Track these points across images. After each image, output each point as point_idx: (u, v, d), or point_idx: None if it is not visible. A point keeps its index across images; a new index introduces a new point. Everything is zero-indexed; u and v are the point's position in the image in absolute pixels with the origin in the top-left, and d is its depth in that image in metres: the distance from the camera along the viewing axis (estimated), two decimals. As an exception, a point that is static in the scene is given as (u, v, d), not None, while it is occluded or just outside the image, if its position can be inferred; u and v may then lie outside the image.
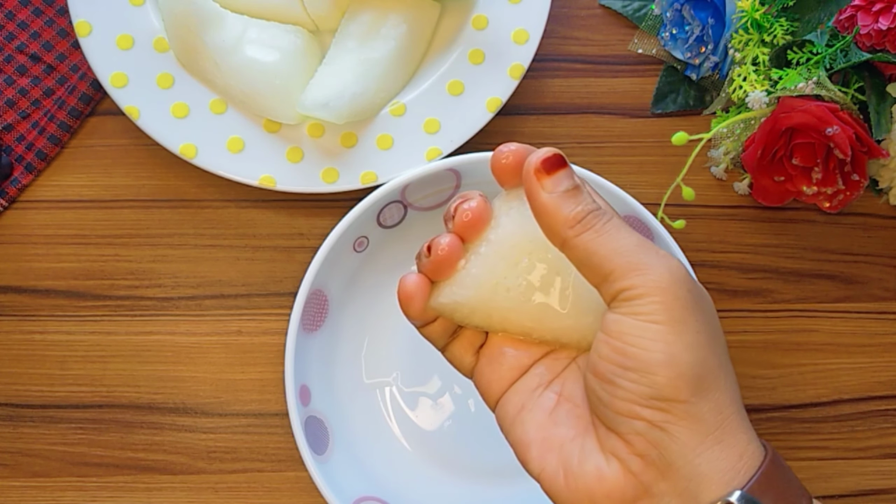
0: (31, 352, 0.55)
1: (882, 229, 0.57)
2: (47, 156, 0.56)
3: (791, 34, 0.52)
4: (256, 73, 0.53)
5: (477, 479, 0.54)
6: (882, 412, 0.56)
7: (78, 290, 0.56)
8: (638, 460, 0.32)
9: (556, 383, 0.36)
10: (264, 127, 0.54)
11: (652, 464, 0.32)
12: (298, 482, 0.54)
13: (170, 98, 0.53)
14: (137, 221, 0.56)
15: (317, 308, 0.52)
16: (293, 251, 0.56)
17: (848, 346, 0.56)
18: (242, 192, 0.56)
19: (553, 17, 0.56)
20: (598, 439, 0.34)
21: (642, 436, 0.32)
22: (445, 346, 0.39)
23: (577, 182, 0.34)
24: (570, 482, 0.33)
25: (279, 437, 0.55)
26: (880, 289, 0.57)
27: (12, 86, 0.56)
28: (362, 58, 0.54)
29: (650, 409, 0.32)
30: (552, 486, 0.34)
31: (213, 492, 0.54)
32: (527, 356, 0.37)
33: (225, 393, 0.55)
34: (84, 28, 0.53)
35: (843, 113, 0.49)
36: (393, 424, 0.55)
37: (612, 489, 0.32)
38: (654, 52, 0.58)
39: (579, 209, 0.33)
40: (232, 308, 0.56)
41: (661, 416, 0.31)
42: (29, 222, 0.56)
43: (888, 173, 0.53)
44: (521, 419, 0.36)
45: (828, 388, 0.56)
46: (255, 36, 0.54)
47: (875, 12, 0.48)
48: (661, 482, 0.32)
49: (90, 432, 0.55)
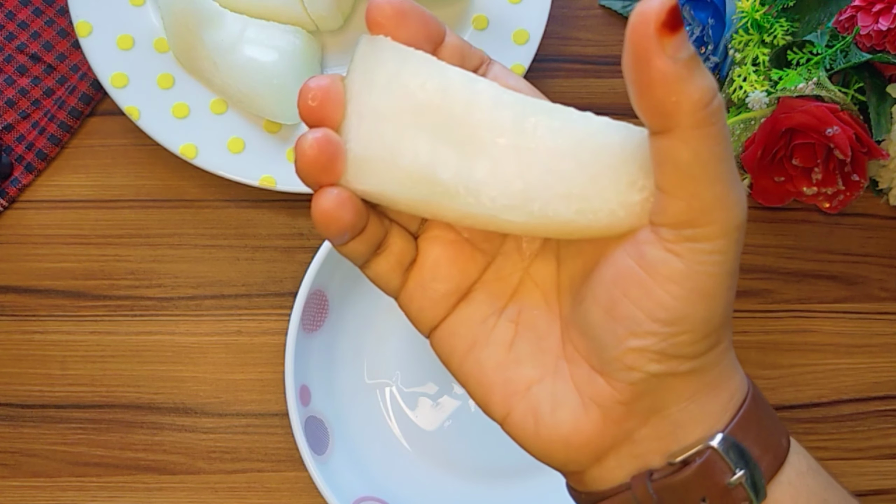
0: (31, 352, 0.55)
1: (882, 229, 0.57)
2: (47, 156, 0.56)
3: (791, 35, 0.52)
4: (254, 73, 0.53)
5: (477, 479, 0.54)
6: (882, 412, 0.56)
7: (78, 290, 0.56)
8: (622, 408, 0.28)
9: (511, 309, 0.31)
10: (264, 127, 0.54)
11: (636, 412, 0.28)
12: (298, 482, 0.54)
13: (170, 98, 0.53)
14: (137, 221, 0.56)
15: (317, 308, 0.52)
16: (293, 251, 0.56)
17: (848, 346, 0.56)
18: (242, 192, 0.56)
19: (553, 18, 0.56)
20: (574, 382, 0.29)
21: (635, 386, 0.28)
22: (366, 262, 0.31)
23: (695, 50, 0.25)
24: (542, 431, 0.29)
25: (279, 437, 0.55)
26: (880, 289, 0.57)
27: (12, 86, 0.56)
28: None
29: (658, 364, 0.27)
30: (519, 433, 0.30)
31: (213, 492, 0.54)
32: (464, 276, 0.31)
33: (225, 393, 0.55)
34: (84, 28, 0.53)
35: (843, 113, 0.49)
36: (393, 424, 0.55)
37: (590, 438, 0.29)
38: (654, 52, 0.58)
39: (709, 85, 0.25)
40: (232, 308, 0.56)
41: (667, 370, 0.28)
42: (29, 222, 0.56)
43: (888, 174, 0.53)
44: (475, 357, 0.30)
45: (828, 388, 0.56)
46: (253, 36, 0.54)
47: (875, 13, 0.48)
48: (643, 428, 0.29)
49: (90, 432, 0.55)
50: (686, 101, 0.24)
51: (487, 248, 0.31)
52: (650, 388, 0.28)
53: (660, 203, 0.26)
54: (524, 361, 0.30)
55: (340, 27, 0.56)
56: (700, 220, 0.26)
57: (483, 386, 0.30)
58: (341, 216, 0.27)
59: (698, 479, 0.28)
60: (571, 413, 0.29)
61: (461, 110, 0.27)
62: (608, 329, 0.28)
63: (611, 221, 0.27)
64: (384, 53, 0.28)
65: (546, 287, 0.31)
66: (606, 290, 0.28)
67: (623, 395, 0.28)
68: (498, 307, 0.31)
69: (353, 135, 0.28)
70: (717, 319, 0.27)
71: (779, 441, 0.30)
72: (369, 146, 0.27)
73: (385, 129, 0.27)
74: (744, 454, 0.28)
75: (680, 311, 0.27)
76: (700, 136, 0.25)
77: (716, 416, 0.29)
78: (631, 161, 0.27)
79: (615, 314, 0.27)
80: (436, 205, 0.28)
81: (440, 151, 0.27)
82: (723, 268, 0.27)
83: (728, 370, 0.29)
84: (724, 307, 0.27)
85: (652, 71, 0.24)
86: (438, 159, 0.27)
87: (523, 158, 0.27)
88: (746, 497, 0.28)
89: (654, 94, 0.25)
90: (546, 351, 0.30)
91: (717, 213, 0.26)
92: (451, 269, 0.30)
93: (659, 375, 0.28)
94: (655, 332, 0.27)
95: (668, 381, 0.28)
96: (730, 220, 0.26)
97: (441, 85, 0.27)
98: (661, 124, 0.25)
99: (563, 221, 0.28)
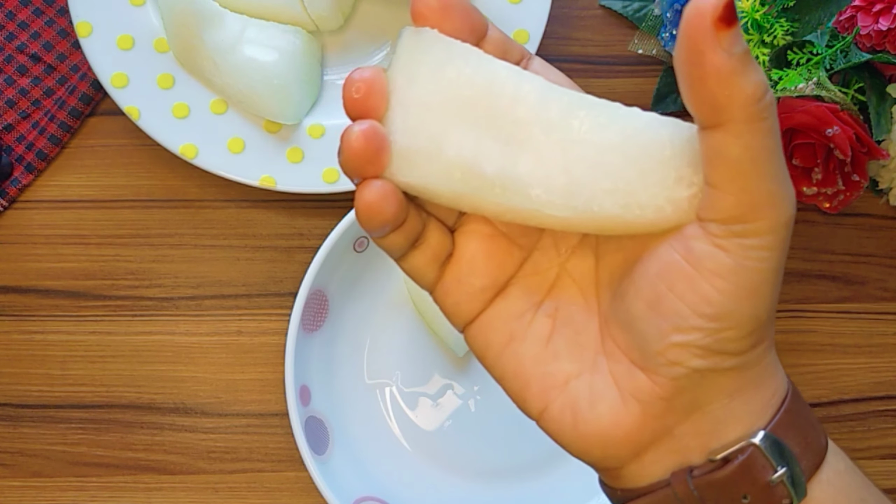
0: (31, 352, 0.55)
1: (882, 229, 0.57)
2: (47, 156, 0.56)
3: (791, 35, 0.52)
4: (254, 73, 0.53)
5: (477, 479, 0.54)
6: (882, 412, 0.56)
7: (78, 290, 0.56)
8: (663, 404, 0.28)
9: (548, 304, 0.30)
10: (264, 127, 0.54)
11: (677, 408, 0.28)
12: (298, 482, 0.54)
13: (170, 98, 0.53)
14: (137, 221, 0.56)
15: (317, 308, 0.52)
16: (293, 251, 0.56)
17: (848, 346, 0.56)
18: (242, 192, 0.56)
19: (553, 18, 0.56)
20: (613, 377, 0.29)
21: (677, 381, 0.28)
22: (403, 255, 0.30)
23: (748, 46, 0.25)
24: (580, 426, 0.29)
25: (279, 437, 0.55)
26: (880, 289, 0.57)
27: (12, 86, 0.56)
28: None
29: (702, 359, 0.27)
30: (557, 428, 0.30)
31: (213, 492, 0.54)
32: (500, 270, 0.30)
33: (225, 393, 0.55)
34: (84, 28, 0.53)
35: (844, 113, 0.49)
36: (393, 424, 0.55)
37: (629, 433, 0.28)
38: (654, 52, 0.58)
39: (762, 80, 0.25)
40: (232, 308, 0.56)
41: (710, 366, 0.27)
42: (29, 222, 0.56)
43: (888, 174, 0.53)
44: (513, 351, 0.30)
45: (828, 388, 0.56)
46: (253, 36, 0.54)
47: (875, 13, 0.48)
48: (684, 424, 0.28)
49: (90, 432, 0.55)
50: (739, 95, 0.24)
51: (524, 243, 0.31)
52: (692, 384, 0.28)
53: (709, 198, 0.26)
54: (562, 356, 0.30)
55: (340, 27, 0.56)
56: (750, 216, 0.26)
57: (520, 380, 0.30)
58: (385, 209, 0.27)
59: (740, 477, 0.28)
60: (610, 408, 0.29)
61: (507, 104, 0.27)
62: (651, 323, 0.27)
63: (657, 217, 0.27)
64: (430, 45, 0.27)
65: (584, 282, 0.31)
66: (650, 284, 0.28)
67: (664, 390, 0.28)
68: (535, 302, 0.30)
69: (397, 126, 0.27)
70: (762, 316, 0.27)
71: (818, 440, 0.29)
72: (415, 138, 0.27)
73: (430, 120, 0.27)
74: (785, 452, 0.28)
75: (726, 307, 0.26)
76: (752, 130, 0.25)
77: (757, 414, 0.29)
78: (679, 156, 0.27)
79: (659, 308, 0.27)
80: (479, 198, 0.28)
81: (485, 145, 0.27)
82: (770, 264, 0.26)
83: (770, 368, 0.29)
84: (770, 304, 0.27)
85: (706, 65, 0.24)
86: (483, 153, 0.27)
87: (569, 153, 0.27)
88: (787, 495, 0.28)
89: (708, 87, 0.25)
90: (584, 346, 0.30)
91: (766, 209, 0.26)
92: (488, 264, 0.30)
93: (702, 371, 0.27)
94: (700, 327, 0.27)
95: (710, 377, 0.28)
96: (779, 216, 0.26)
97: (487, 78, 0.27)
98: (712, 118, 0.25)
99: (608, 217, 0.27)
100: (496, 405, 0.55)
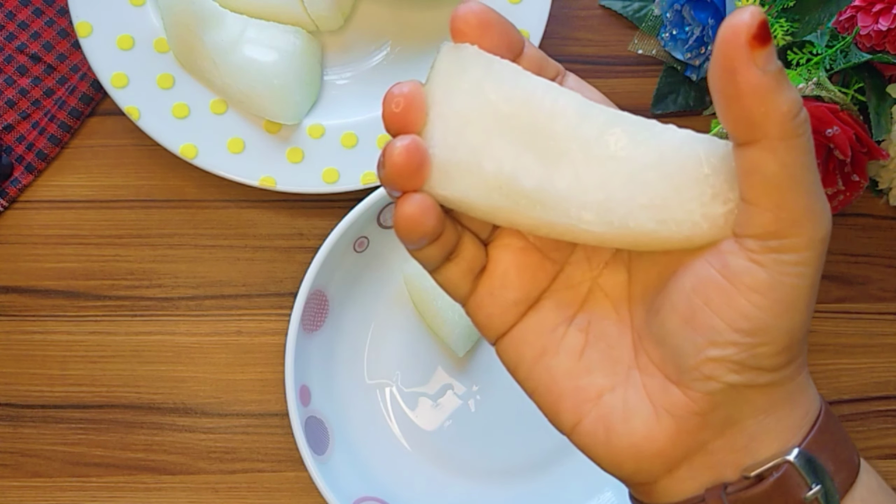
0: (31, 352, 0.55)
1: (882, 230, 0.57)
2: (47, 156, 0.56)
3: (791, 35, 0.52)
4: (254, 73, 0.53)
5: (477, 480, 0.54)
6: (882, 412, 0.56)
7: (78, 290, 0.56)
8: (697, 419, 0.28)
9: (581, 318, 0.31)
10: (264, 127, 0.54)
11: (711, 424, 0.28)
12: (298, 482, 0.54)
13: (170, 98, 0.53)
14: (137, 221, 0.56)
15: (317, 308, 0.52)
16: (293, 251, 0.56)
17: (848, 346, 0.56)
18: (242, 192, 0.56)
19: (553, 18, 0.56)
20: (646, 391, 0.29)
21: (712, 397, 0.28)
22: (437, 267, 0.31)
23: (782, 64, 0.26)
24: (614, 440, 0.29)
25: (279, 437, 0.55)
26: (880, 289, 0.57)
27: (12, 86, 0.56)
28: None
29: (738, 374, 0.27)
30: (590, 442, 0.30)
31: (213, 492, 0.54)
32: (533, 284, 0.31)
33: (225, 393, 0.55)
34: (84, 28, 0.53)
35: (843, 114, 0.49)
36: (393, 424, 0.55)
37: (662, 448, 0.28)
38: (654, 52, 0.58)
39: (796, 98, 0.25)
40: (232, 308, 0.56)
41: (746, 381, 0.27)
42: (29, 222, 0.56)
43: (888, 174, 0.53)
44: (546, 365, 0.30)
45: (828, 388, 0.56)
46: (253, 36, 0.54)
47: (875, 13, 0.48)
48: (718, 440, 0.29)
49: (90, 432, 0.55)
50: (775, 112, 0.25)
51: (557, 257, 0.31)
52: (727, 400, 0.28)
53: (745, 214, 0.26)
54: (595, 370, 0.30)
55: (340, 27, 0.56)
56: (786, 232, 0.26)
57: (553, 394, 0.30)
58: (424, 222, 0.28)
59: (775, 494, 0.28)
60: (644, 422, 0.29)
61: (545, 120, 0.28)
62: (687, 338, 0.28)
63: (692, 233, 0.27)
64: (469, 61, 0.28)
65: (616, 297, 0.31)
66: (686, 298, 0.28)
67: (699, 405, 0.28)
68: (567, 316, 0.31)
69: (437, 140, 0.28)
70: (797, 332, 0.27)
71: (851, 457, 0.30)
72: (454, 152, 0.28)
73: (470, 135, 0.28)
74: (819, 469, 0.28)
75: (762, 322, 0.27)
76: (787, 147, 0.25)
77: (792, 431, 0.29)
78: (715, 173, 0.27)
79: (694, 323, 0.27)
80: (516, 213, 0.28)
81: (524, 160, 0.28)
82: (806, 280, 0.27)
83: (803, 384, 0.29)
84: (805, 320, 0.27)
85: (741, 83, 0.25)
86: (522, 168, 0.28)
87: (606, 169, 0.27)
88: None
89: (744, 104, 0.25)
90: (617, 360, 0.30)
91: (803, 225, 0.26)
92: (521, 277, 0.30)
93: (737, 387, 0.27)
94: (736, 342, 0.27)
95: (745, 393, 0.28)
96: (816, 231, 0.26)
97: (525, 94, 0.28)
98: (748, 135, 0.26)
99: (644, 232, 0.28)
100: (496, 405, 0.55)
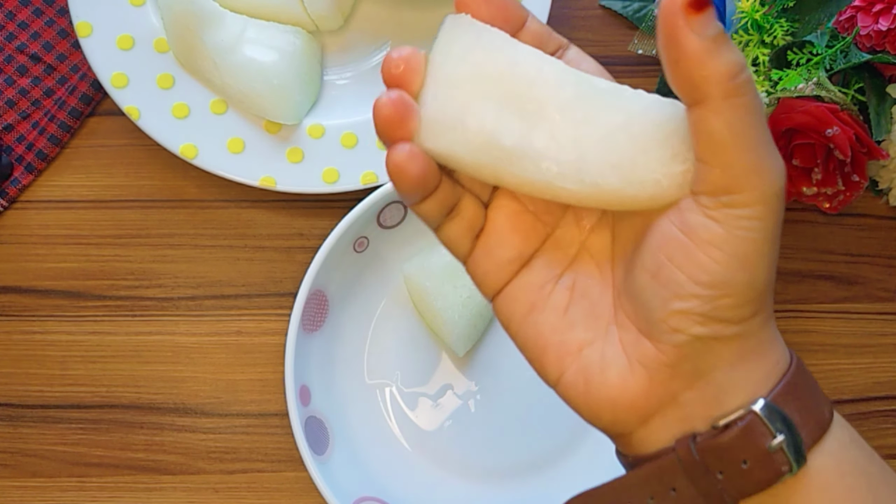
0: (31, 352, 0.55)
1: (882, 230, 0.57)
2: (47, 156, 0.56)
3: (791, 35, 0.52)
4: (254, 73, 0.53)
5: (477, 479, 0.54)
6: (882, 412, 0.56)
7: (78, 290, 0.56)
8: (667, 370, 0.30)
9: (567, 277, 0.33)
10: (264, 127, 0.54)
11: (681, 375, 0.30)
12: (298, 482, 0.54)
13: (170, 98, 0.53)
14: (137, 221, 0.56)
15: (317, 308, 0.52)
16: (293, 251, 0.56)
17: (848, 346, 0.56)
18: (242, 192, 0.56)
19: (553, 18, 0.56)
20: (622, 344, 0.31)
21: (680, 349, 0.29)
22: (440, 225, 0.33)
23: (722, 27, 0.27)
24: (591, 391, 0.31)
25: (279, 437, 0.55)
26: (880, 289, 0.57)
27: (12, 86, 0.56)
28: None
29: (702, 326, 0.29)
30: (570, 393, 0.31)
31: (213, 492, 0.54)
32: (526, 244, 0.33)
33: (225, 393, 0.55)
34: (84, 28, 0.53)
35: (843, 114, 0.49)
36: (393, 424, 0.55)
37: (635, 398, 0.30)
38: (654, 52, 0.58)
39: (736, 59, 0.27)
40: (232, 308, 0.56)
41: (711, 333, 0.29)
42: (29, 222, 0.56)
43: (888, 174, 0.53)
44: (533, 320, 0.32)
45: (828, 388, 0.56)
46: (253, 36, 0.54)
47: (875, 13, 0.48)
48: (688, 391, 0.30)
49: (90, 432, 0.55)
50: (714, 74, 0.27)
51: (548, 220, 0.33)
52: (695, 351, 0.29)
53: (698, 172, 0.28)
54: (577, 325, 0.32)
55: (340, 27, 0.56)
56: (735, 187, 0.28)
57: (539, 347, 0.32)
58: (410, 168, 0.30)
59: (739, 442, 0.29)
60: (619, 374, 0.30)
61: (526, 84, 0.30)
62: (654, 292, 0.29)
63: (656, 191, 0.30)
64: (463, 29, 0.30)
65: (600, 258, 0.33)
66: (653, 255, 0.30)
67: (668, 356, 0.29)
68: (555, 274, 0.33)
69: (428, 99, 0.30)
70: (758, 285, 0.29)
71: (821, 411, 0.30)
72: (441, 110, 0.30)
73: (457, 95, 0.30)
74: (785, 420, 0.29)
75: (721, 275, 0.28)
76: (730, 106, 0.27)
77: (759, 383, 0.30)
78: (675, 134, 0.29)
79: (660, 278, 0.29)
80: (499, 168, 0.30)
81: (505, 120, 0.30)
82: (761, 234, 0.28)
83: (771, 339, 0.30)
84: (766, 274, 0.29)
85: (681, 48, 0.27)
86: (503, 127, 0.30)
87: (580, 131, 0.30)
88: (787, 461, 0.29)
89: (685, 67, 0.27)
90: (598, 317, 0.32)
91: (751, 180, 0.27)
92: (514, 237, 0.32)
93: (703, 338, 0.29)
94: (698, 294, 0.28)
95: (712, 345, 0.29)
96: (766, 186, 0.28)
97: (510, 60, 0.30)
98: (692, 97, 0.28)
99: (612, 190, 0.30)
100: (496, 405, 0.55)
